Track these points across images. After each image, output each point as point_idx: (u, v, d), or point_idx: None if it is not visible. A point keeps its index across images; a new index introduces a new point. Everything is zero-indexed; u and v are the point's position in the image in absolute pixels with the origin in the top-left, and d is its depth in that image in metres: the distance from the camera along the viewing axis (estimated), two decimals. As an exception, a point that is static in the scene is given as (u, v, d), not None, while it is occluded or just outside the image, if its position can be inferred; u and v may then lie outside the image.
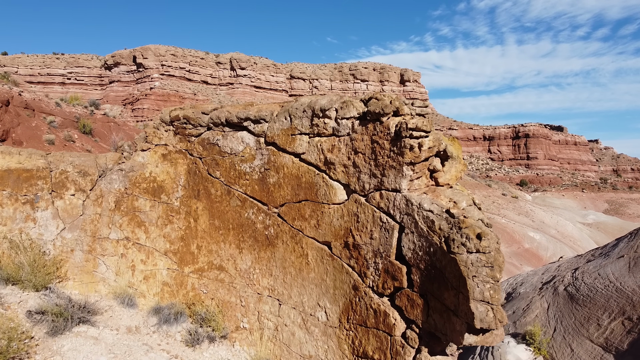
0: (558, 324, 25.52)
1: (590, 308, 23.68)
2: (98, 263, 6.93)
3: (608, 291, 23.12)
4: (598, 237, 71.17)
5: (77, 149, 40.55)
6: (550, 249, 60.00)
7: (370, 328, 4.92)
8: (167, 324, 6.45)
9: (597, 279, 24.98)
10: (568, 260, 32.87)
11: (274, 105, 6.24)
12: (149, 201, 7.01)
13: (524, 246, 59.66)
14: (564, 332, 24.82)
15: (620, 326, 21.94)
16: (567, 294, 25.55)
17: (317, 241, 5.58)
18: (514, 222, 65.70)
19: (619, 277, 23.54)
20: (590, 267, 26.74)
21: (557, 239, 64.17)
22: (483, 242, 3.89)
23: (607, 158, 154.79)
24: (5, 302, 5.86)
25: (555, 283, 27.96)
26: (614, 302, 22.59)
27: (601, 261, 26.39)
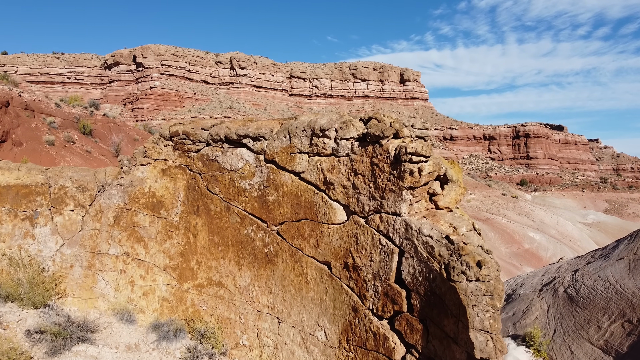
0: (558, 326, 25.54)
1: (590, 310, 23.69)
2: (97, 279, 6.92)
3: (608, 293, 23.13)
4: (598, 237, 71.21)
5: (77, 150, 40.61)
6: (550, 250, 60.03)
7: (370, 350, 4.91)
8: (167, 340, 6.44)
9: (597, 281, 24.98)
10: (568, 262, 32.89)
11: (273, 122, 6.23)
12: (149, 216, 7.00)
13: (524, 246, 59.69)
14: (564, 334, 24.83)
15: (620, 329, 21.94)
16: (567, 295, 25.55)
17: (316, 260, 5.57)
18: (514, 222, 65.73)
19: (619, 279, 23.55)
20: (590, 269, 26.74)
21: (557, 239, 64.20)
22: (483, 270, 3.88)
23: (607, 157, 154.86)
24: (4, 321, 5.85)
25: (555, 285, 27.96)
26: (613, 304, 22.60)
27: (601, 263, 26.39)
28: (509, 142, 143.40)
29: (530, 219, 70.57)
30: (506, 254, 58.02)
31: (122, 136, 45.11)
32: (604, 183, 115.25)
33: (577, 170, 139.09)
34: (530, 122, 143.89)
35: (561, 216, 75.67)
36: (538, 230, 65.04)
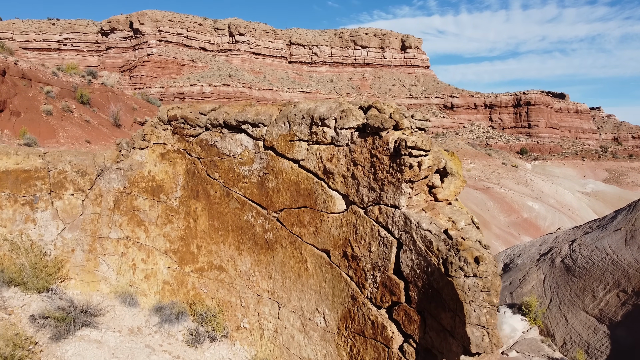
0: (554, 295, 25.96)
1: (586, 280, 24.04)
2: (99, 262, 6.99)
3: (604, 263, 23.43)
4: (597, 207, 71.51)
5: (75, 120, 40.36)
6: (549, 219, 60.38)
7: (368, 338, 5.00)
8: (169, 323, 6.55)
9: (594, 251, 25.27)
10: (566, 232, 33.18)
11: (272, 108, 6.17)
12: (148, 200, 7.01)
13: (523, 216, 59.99)
14: (560, 303, 25.26)
15: (615, 298, 22.31)
16: (563, 265, 25.89)
17: (316, 248, 5.62)
18: (513, 191, 65.87)
19: (616, 249, 23.80)
20: (587, 240, 27.01)
21: (556, 208, 64.48)
22: (481, 266, 3.92)
23: (609, 126, 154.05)
24: (9, 306, 5.94)
25: (553, 255, 28.30)
26: (609, 274, 22.92)
27: (598, 233, 26.64)
28: (510, 110, 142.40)
29: (530, 188, 70.66)
30: (505, 223, 58.37)
31: (121, 105, 44.71)
32: (604, 152, 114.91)
33: (578, 139, 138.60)
34: (532, 90, 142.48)
35: (560, 185, 75.78)
36: (537, 199, 65.24)
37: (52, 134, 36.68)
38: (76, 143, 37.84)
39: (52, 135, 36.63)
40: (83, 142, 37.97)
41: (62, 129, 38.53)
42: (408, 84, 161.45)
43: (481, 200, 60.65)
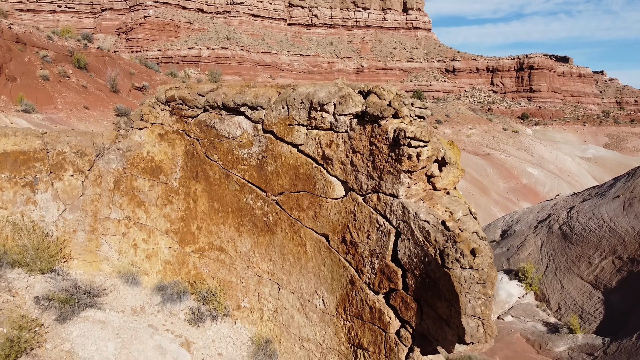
0: (550, 261, 26.37)
1: (582, 247, 24.39)
2: (101, 242, 7.08)
3: (601, 231, 23.72)
4: (596, 172, 71.73)
5: (72, 85, 39.93)
6: (548, 185, 60.65)
7: (366, 322, 5.12)
8: (171, 302, 6.69)
9: (591, 218, 25.54)
10: (564, 199, 33.39)
11: (271, 90, 6.11)
12: (148, 181, 7.04)
13: (522, 182, 60.21)
14: (556, 269, 25.69)
15: (610, 265, 22.69)
16: (561, 232, 26.20)
17: (315, 232, 5.67)
18: (513, 157, 65.93)
19: (613, 217, 24.05)
20: (585, 207, 27.25)
21: (555, 174, 64.67)
22: (477, 259, 3.97)
23: (612, 90, 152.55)
24: (13, 288, 6.05)
25: (550, 222, 28.58)
26: (606, 241, 23.24)
27: (597, 201, 26.84)
28: (513, 74, 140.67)
29: (530, 154, 70.67)
30: (504, 189, 58.65)
31: (118, 70, 44.20)
32: (606, 117, 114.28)
33: (580, 103, 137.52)
34: (535, 53, 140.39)
35: (560, 151, 75.79)
36: (537, 165, 65.35)
37: (49, 99, 36.38)
38: (74, 109, 37.58)
39: (49, 102, 36.32)
40: (81, 109, 37.66)
41: (59, 95, 38.16)
42: (409, 47, 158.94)
43: (481, 166, 60.77)
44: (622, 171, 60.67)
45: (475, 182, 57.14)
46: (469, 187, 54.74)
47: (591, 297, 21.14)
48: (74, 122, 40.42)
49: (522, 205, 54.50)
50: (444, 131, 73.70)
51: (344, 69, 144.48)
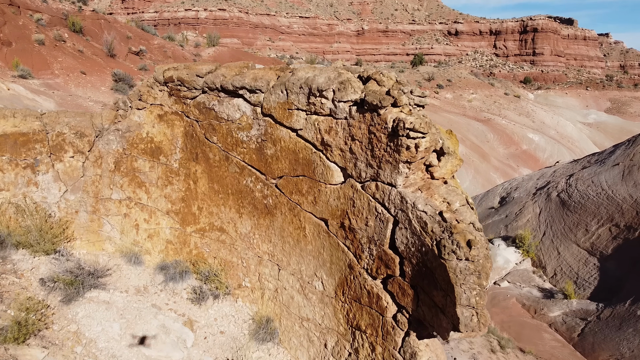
0: (548, 228, 26.61)
1: (580, 214, 24.59)
2: (103, 223, 7.16)
3: (599, 198, 23.86)
4: (597, 138, 71.52)
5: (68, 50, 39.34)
6: (548, 151, 60.60)
7: (364, 305, 5.25)
8: (173, 281, 6.83)
9: (590, 186, 25.63)
10: (564, 166, 33.36)
11: (270, 72, 6.05)
12: (148, 162, 7.06)
13: (522, 148, 60.12)
14: (553, 236, 25.95)
15: (607, 232, 22.93)
16: (559, 200, 26.35)
17: (314, 216, 5.74)
18: (514, 123, 65.58)
19: (612, 185, 24.13)
20: (584, 174, 27.28)
21: (556, 140, 64.50)
22: (473, 251, 4.05)
23: (616, 53, 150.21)
24: (18, 270, 6.17)
25: (549, 189, 28.67)
26: (604, 209, 23.40)
27: (596, 168, 26.87)
28: (516, 37, 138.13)
29: (531, 119, 70.26)
30: (504, 155, 58.63)
31: (114, 34, 43.48)
32: (609, 81, 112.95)
33: (583, 67, 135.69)
34: (540, 15, 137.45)
35: (562, 116, 75.29)
36: (537, 131, 65.08)
37: (45, 64, 35.92)
38: (71, 74, 37.15)
39: (45, 67, 35.87)
40: (78, 74, 37.22)
41: (55, 60, 37.65)
42: (411, 9, 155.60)
43: (481, 132, 60.55)
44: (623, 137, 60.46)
45: (475, 148, 57.05)
46: (469, 153, 54.69)
47: (587, 263, 21.50)
48: (72, 87, 40.04)
49: (521, 171, 54.66)
50: (445, 96, 73.05)
51: (344, 32, 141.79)
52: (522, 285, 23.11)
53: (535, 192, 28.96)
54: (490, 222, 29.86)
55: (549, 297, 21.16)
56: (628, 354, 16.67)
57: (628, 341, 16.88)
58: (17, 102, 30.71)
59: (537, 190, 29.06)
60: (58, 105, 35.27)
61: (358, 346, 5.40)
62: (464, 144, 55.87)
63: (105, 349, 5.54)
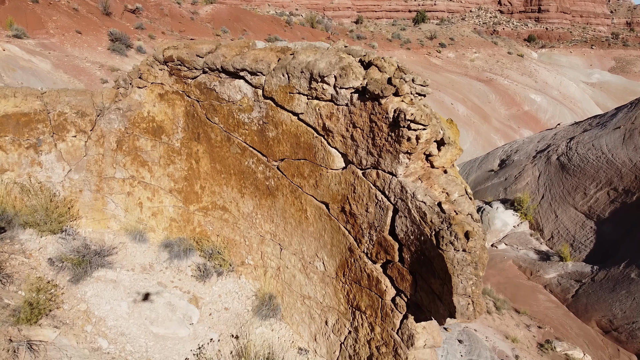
0: (547, 192, 26.75)
1: (579, 178, 24.69)
2: (107, 201, 7.27)
3: (599, 162, 23.91)
4: (600, 98, 70.86)
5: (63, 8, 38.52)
6: (550, 112, 60.17)
7: (364, 287, 5.42)
8: (178, 258, 7.00)
9: (590, 149, 25.62)
10: (565, 129, 33.19)
11: (270, 54, 6.00)
12: (150, 141, 7.10)
13: (524, 109, 59.67)
14: (551, 199, 26.13)
15: (605, 196, 23.10)
16: (559, 163, 26.40)
17: (315, 199, 5.84)
18: (516, 83, 64.86)
19: (612, 148, 24.13)
20: (585, 138, 27.21)
21: (558, 100, 63.93)
22: (470, 242, 4.16)
23: (623, 10, 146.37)
24: (27, 250, 6.32)
25: (549, 152, 28.65)
26: (603, 173, 23.50)
27: (597, 131, 26.77)
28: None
29: (534, 79, 69.41)
30: (505, 116, 58.25)
31: (111, -19, 42.64)
32: (614, 39, 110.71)
33: (589, 24, 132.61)
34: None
35: (565, 76, 74.29)
36: (540, 91, 64.43)
37: (40, 24, 35.21)
38: (66, 34, 36.45)
39: (40, 26, 35.16)
40: (73, 33, 36.52)
41: (50, 19, 36.88)
42: None
43: (483, 92, 59.96)
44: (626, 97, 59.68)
45: (477, 109, 56.66)
46: (470, 114, 54.38)
47: (584, 226, 21.81)
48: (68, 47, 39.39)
49: (522, 133, 54.43)
50: (447, 55, 71.91)
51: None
52: (519, 248, 23.51)
53: (535, 155, 29.01)
54: (489, 185, 30.03)
55: (545, 260, 21.55)
56: (620, 315, 17.17)
57: (620, 302, 17.35)
58: (13, 63, 30.30)
59: (537, 153, 29.10)
60: (54, 67, 34.79)
61: (358, 325, 5.61)
62: (466, 105, 55.49)
63: (114, 327, 5.76)
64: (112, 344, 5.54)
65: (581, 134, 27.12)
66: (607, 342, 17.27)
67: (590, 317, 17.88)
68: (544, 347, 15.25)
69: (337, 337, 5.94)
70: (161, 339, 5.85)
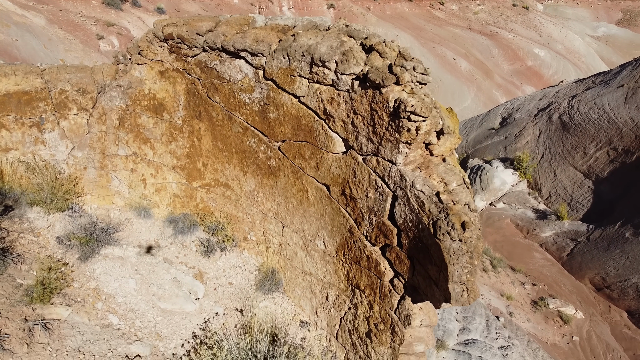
0: (546, 150, 26.82)
1: (579, 137, 24.70)
2: (111, 178, 7.38)
3: (600, 121, 23.87)
4: (605, 53, 69.60)
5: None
6: (553, 67, 59.24)
7: (363, 268, 5.61)
8: (182, 234, 7.18)
9: (592, 108, 25.49)
10: (567, 86, 32.83)
11: (271, 34, 5.95)
12: (152, 118, 7.13)
13: (527, 64, 58.73)
14: (551, 158, 26.22)
15: (604, 155, 23.20)
16: (560, 122, 26.33)
17: (316, 181, 5.94)
18: (520, 37, 63.49)
19: (614, 107, 24.02)
20: (587, 96, 27.01)
21: (562, 55, 62.82)
22: (466, 233, 4.30)
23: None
24: (35, 228, 6.48)
25: (551, 110, 28.50)
26: (603, 132, 23.50)
27: (600, 89, 26.54)
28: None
29: (538, 33, 67.88)
30: (508, 71, 57.39)
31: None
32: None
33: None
34: None
35: (570, 29, 72.63)
36: (544, 45, 63.19)
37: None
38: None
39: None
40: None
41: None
42: None
43: (486, 47, 58.84)
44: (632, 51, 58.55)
45: (479, 64, 55.79)
46: (472, 69, 53.60)
47: (582, 186, 22.01)
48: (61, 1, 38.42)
49: (524, 89, 53.81)
50: (450, 7, 70.01)
51: None
52: (517, 207, 23.80)
53: (537, 113, 28.84)
54: (489, 144, 30.04)
55: (542, 218, 21.87)
56: (613, 273, 17.63)
57: (614, 261, 17.78)
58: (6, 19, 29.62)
59: (538, 112, 28.93)
60: (49, 22, 34.00)
61: (357, 302, 5.85)
62: (468, 60, 54.56)
63: (123, 303, 6.00)
64: (122, 320, 5.79)
65: (584, 92, 26.87)
66: (599, 299, 17.81)
67: (584, 275, 18.34)
68: (537, 304, 15.72)
69: (338, 312, 6.20)
70: (169, 314, 6.11)
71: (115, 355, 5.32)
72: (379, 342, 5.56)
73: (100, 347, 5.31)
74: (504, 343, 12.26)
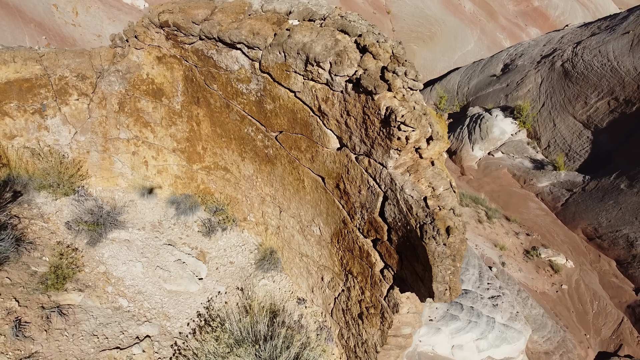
0: (547, 99, 26.78)
1: (581, 86, 24.60)
2: (114, 160, 7.60)
3: (603, 70, 23.71)
4: (614, -9, 67.01)
5: None
6: (560, 8, 57.37)
7: (355, 257, 5.96)
8: (184, 215, 7.51)
9: (596, 56, 25.21)
10: (572, 31, 32.17)
11: (266, 26, 5.97)
12: (151, 103, 7.26)
13: (534, 4, 56.84)
14: (551, 107, 26.24)
15: (605, 105, 23.23)
16: (562, 70, 26.10)
17: (312, 172, 6.18)
18: (528, -26, 60.91)
19: (618, 55, 23.77)
20: (592, 42, 26.61)
21: (571, -7, 60.56)
22: (450, 238, 4.60)
23: None
24: (44, 214, 6.79)
25: (554, 57, 28.15)
26: (606, 81, 23.39)
27: (605, 36, 26.11)
28: None
29: (547, -31, 65.10)
30: (513, 12, 55.69)
31: None
32: None
33: None
34: None
35: (581, -35, 69.46)
36: (552, -17, 60.76)
37: None
38: None
39: None
40: None
41: None
42: None
43: (492, -14, 56.67)
44: (645, -11, 56.31)
45: (483, 5, 54.02)
46: (476, 10, 51.98)
47: (580, 136, 22.13)
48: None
49: (529, 31, 52.48)
50: (456, -59, 66.67)
51: None
52: (515, 156, 24.01)
53: (540, 60, 28.39)
54: (491, 91, 29.79)
55: (539, 168, 22.13)
56: (605, 223, 18.13)
57: (607, 212, 18.23)
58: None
59: (541, 59, 28.46)
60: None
61: (350, 286, 6.25)
62: (472, 0, 52.82)
63: (131, 286, 6.41)
64: (131, 302, 6.22)
65: (588, 38, 26.31)
66: (590, 248, 18.39)
67: (577, 225, 18.82)
68: (529, 253, 16.24)
69: (332, 293, 6.62)
70: (174, 295, 6.54)
71: (127, 336, 5.78)
72: (369, 324, 6.01)
73: (112, 330, 5.76)
74: (495, 293, 12.88)
